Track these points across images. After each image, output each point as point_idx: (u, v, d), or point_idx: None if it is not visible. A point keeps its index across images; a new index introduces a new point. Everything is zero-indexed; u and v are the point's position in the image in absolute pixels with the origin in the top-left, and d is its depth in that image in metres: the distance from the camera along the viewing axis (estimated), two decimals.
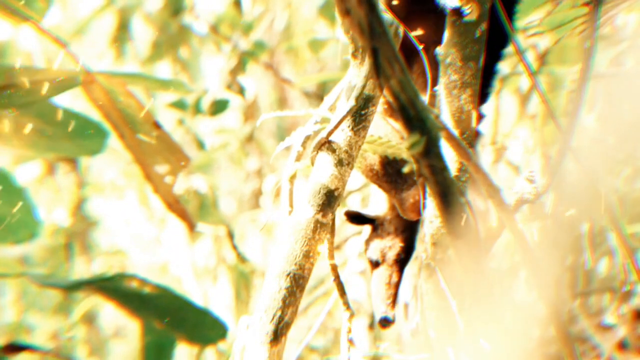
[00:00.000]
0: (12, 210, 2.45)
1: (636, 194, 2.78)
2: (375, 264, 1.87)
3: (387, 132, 1.73)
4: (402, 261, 1.86)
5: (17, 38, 4.26)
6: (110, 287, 2.38)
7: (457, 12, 1.49)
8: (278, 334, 1.47)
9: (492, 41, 1.54)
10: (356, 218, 1.91)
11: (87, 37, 4.32)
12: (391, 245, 1.86)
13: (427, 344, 1.74)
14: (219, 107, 3.56)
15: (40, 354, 2.79)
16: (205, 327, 2.44)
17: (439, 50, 1.53)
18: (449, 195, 1.19)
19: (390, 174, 1.77)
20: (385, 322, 1.82)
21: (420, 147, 1.08)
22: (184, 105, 3.51)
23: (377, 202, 1.94)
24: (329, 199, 1.49)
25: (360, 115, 1.48)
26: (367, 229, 1.93)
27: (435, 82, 1.56)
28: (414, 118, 1.06)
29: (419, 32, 1.64)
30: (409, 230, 1.87)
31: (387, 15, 1.52)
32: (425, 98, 1.58)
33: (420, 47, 1.57)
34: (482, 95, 1.61)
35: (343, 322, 1.72)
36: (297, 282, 1.47)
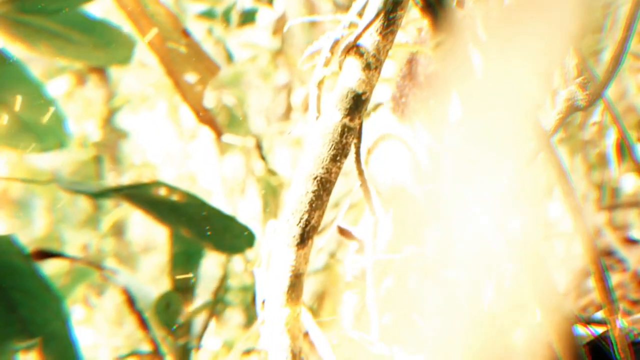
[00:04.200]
0: (42, 120, 2.46)
1: None
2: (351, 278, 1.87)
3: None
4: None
5: None
6: (139, 194, 2.39)
7: None
8: (305, 237, 1.48)
9: None
10: (347, 234, 1.89)
11: None
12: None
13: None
14: (247, 17, 3.55)
15: (69, 260, 2.82)
16: (233, 235, 2.45)
17: None
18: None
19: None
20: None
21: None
22: (213, 15, 3.51)
23: (368, 224, 1.92)
24: (357, 103, 1.48)
25: (388, 19, 1.47)
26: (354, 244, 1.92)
27: None
28: (441, 17, 1.06)
29: None
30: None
31: None
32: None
33: None
34: None
35: (368, 227, 1.73)
36: (324, 186, 1.48)
